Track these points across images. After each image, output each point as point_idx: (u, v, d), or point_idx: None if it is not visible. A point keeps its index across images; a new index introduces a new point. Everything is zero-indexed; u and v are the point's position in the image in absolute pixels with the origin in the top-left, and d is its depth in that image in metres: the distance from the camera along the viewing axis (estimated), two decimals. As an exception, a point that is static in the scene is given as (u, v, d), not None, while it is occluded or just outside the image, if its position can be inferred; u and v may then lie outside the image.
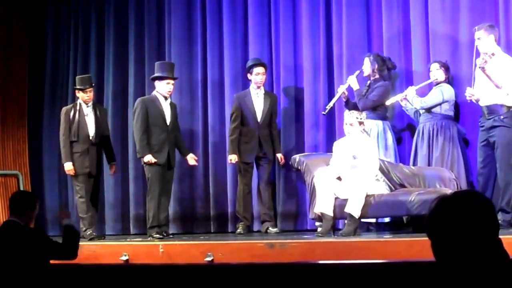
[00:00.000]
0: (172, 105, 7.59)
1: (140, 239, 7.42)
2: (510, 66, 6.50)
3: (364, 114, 6.85)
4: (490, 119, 6.54)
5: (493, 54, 6.36)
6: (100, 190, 8.25)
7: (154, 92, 7.53)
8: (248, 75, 7.78)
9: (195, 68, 8.69)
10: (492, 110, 6.53)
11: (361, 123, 6.71)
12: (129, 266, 5.97)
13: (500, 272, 1.94)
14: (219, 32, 8.59)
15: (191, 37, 8.74)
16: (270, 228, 7.63)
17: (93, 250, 6.62)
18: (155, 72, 7.55)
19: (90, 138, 7.64)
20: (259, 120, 7.71)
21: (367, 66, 7.32)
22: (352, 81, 7.30)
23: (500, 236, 2.04)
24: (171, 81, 7.49)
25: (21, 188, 9.18)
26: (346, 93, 7.36)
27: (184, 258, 6.12)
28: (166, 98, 7.48)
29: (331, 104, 7.37)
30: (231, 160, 7.71)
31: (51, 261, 4.70)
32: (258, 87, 7.74)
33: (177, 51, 8.69)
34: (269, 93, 7.91)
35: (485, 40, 6.53)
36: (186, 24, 8.77)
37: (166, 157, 7.38)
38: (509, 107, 6.48)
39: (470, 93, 6.55)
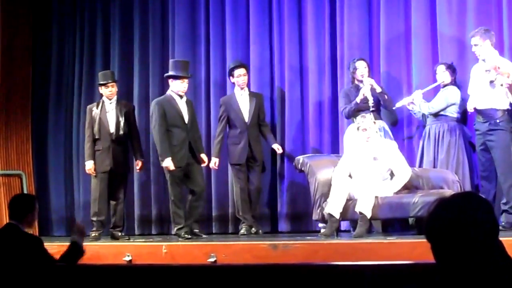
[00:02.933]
0: (189, 103, 7.47)
1: (143, 240, 7.42)
2: (508, 70, 6.51)
3: (376, 115, 6.86)
4: (485, 122, 6.56)
5: (498, 68, 6.37)
6: (129, 188, 8.24)
7: (169, 92, 7.44)
8: (230, 78, 7.81)
9: (199, 68, 8.69)
10: (487, 114, 6.54)
11: (375, 123, 6.73)
12: (132, 267, 5.96)
13: (501, 273, 1.93)
14: (222, 32, 8.60)
15: (195, 37, 8.75)
16: (244, 229, 7.61)
17: (96, 250, 6.62)
18: (169, 70, 7.47)
19: (110, 134, 7.56)
20: (247, 120, 7.71)
21: (367, 70, 7.29)
22: (373, 83, 7.22)
23: (505, 238, 2.04)
24: (186, 79, 7.39)
25: (25, 188, 9.17)
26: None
27: (187, 259, 6.13)
28: (181, 97, 7.37)
29: (370, 100, 7.14)
30: (214, 163, 7.69)
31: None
32: (242, 88, 7.75)
33: (181, 51, 8.69)
34: (254, 93, 7.90)
35: (481, 46, 6.56)
36: (190, 24, 8.78)
37: (188, 156, 7.27)
38: (504, 111, 6.51)
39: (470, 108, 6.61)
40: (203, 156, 7.52)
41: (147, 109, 8.88)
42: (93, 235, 7.46)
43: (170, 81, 7.40)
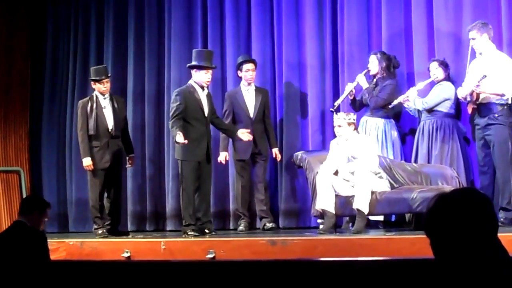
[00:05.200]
0: (209, 96, 7.24)
1: (141, 236, 7.42)
2: (503, 64, 6.52)
3: (352, 115, 6.80)
4: (484, 117, 6.56)
5: (484, 77, 6.38)
6: (123, 184, 8.14)
7: (191, 82, 7.14)
8: (238, 72, 7.76)
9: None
10: (486, 108, 6.55)
11: (350, 123, 6.69)
12: (131, 263, 5.97)
13: (499, 269, 1.94)
14: (221, 29, 8.57)
15: (192, 34, 8.71)
16: (267, 224, 7.59)
17: (95, 246, 6.63)
18: (192, 60, 7.21)
19: (109, 131, 7.45)
20: (251, 116, 7.66)
21: (375, 64, 7.29)
22: (361, 79, 7.28)
23: (503, 234, 2.04)
24: (211, 70, 7.17)
25: (23, 185, 9.17)
26: (354, 91, 7.34)
27: (186, 255, 6.13)
28: (203, 88, 7.11)
29: (339, 101, 7.31)
30: (225, 157, 7.64)
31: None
32: (249, 84, 7.70)
33: (177, 48, 8.65)
34: (260, 89, 7.85)
35: (479, 40, 6.57)
36: (186, 21, 8.73)
37: (205, 152, 7.06)
38: (503, 105, 6.51)
39: (462, 96, 6.60)
40: (241, 131, 7.22)
41: (142, 105, 8.87)
42: (99, 232, 7.34)
43: (194, 71, 7.11)
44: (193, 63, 7.16)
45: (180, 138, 6.78)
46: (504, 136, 6.53)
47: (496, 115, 6.51)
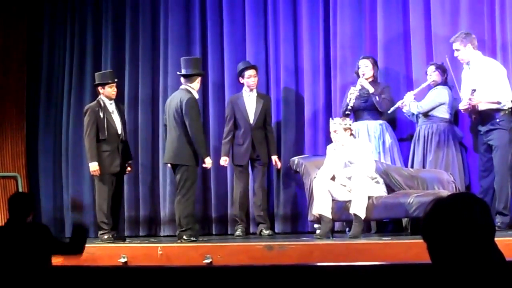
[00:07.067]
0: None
1: (138, 241, 7.41)
2: (492, 71, 6.54)
3: (348, 120, 6.82)
4: (486, 123, 6.58)
5: (474, 91, 6.41)
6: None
7: (189, 89, 7.21)
8: (240, 78, 7.77)
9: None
10: (487, 114, 6.56)
11: (346, 129, 6.70)
12: (127, 268, 5.96)
13: (496, 273, 1.94)
14: (220, 33, 8.57)
15: (189, 39, 8.71)
16: (264, 230, 7.60)
17: (91, 252, 6.61)
18: (182, 68, 7.28)
19: (119, 135, 7.46)
20: (251, 122, 7.68)
21: (369, 68, 7.30)
22: (365, 83, 7.26)
23: (499, 239, 2.05)
24: (199, 77, 7.28)
25: (20, 191, 9.14)
26: (358, 94, 7.32)
27: (183, 260, 6.13)
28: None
29: (351, 103, 7.21)
30: (224, 161, 7.69)
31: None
32: (251, 90, 7.71)
33: (174, 53, 8.64)
34: (262, 95, 7.86)
35: (463, 51, 6.60)
36: (183, 26, 8.73)
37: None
38: (504, 110, 6.52)
39: (463, 109, 6.61)
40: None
41: (136, 109, 8.86)
42: (105, 237, 7.29)
43: (189, 78, 7.20)
44: (183, 71, 7.23)
45: (210, 161, 7.18)
46: (505, 141, 6.56)
47: (498, 120, 6.54)
